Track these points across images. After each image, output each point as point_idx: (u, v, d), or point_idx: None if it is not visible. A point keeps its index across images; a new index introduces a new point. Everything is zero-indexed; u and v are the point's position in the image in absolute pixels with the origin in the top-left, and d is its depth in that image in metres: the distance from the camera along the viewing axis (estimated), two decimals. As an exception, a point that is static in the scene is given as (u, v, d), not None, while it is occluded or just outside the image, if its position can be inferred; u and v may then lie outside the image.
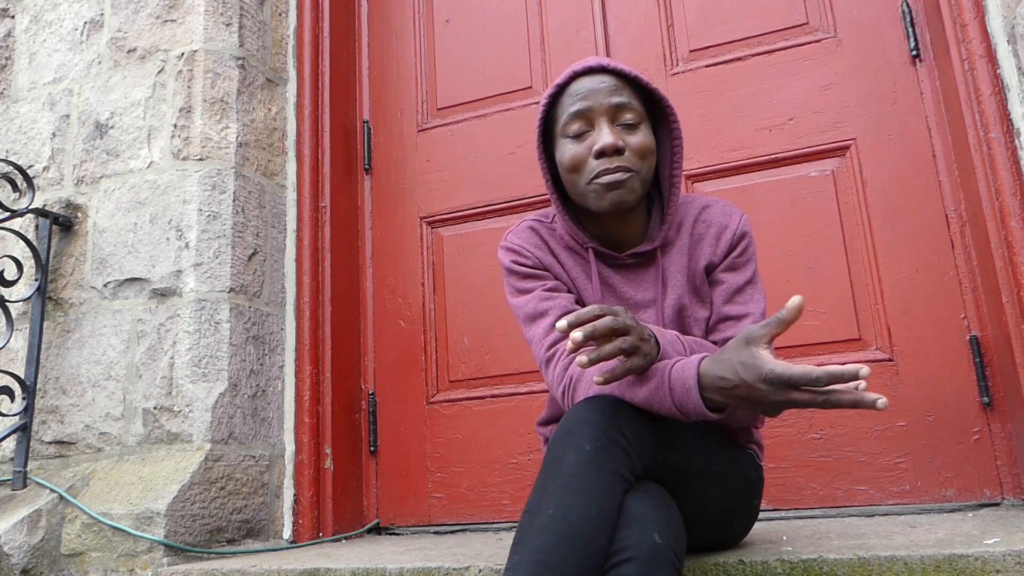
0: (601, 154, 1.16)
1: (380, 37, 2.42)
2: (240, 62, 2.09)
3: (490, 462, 2.02)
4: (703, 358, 1.00)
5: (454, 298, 2.14)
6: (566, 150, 1.21)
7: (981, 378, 1.66)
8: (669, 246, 1.27)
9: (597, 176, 1.17)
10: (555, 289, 1.25)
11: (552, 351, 1.19)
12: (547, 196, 1.93)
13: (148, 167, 2.02)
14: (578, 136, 1.20)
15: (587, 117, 1.19)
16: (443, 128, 2.27)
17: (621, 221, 1.25)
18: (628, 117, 1.18)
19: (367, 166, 2.33)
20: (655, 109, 1.26)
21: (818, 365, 1.74)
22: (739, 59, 1.99)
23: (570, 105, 1.20)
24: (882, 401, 0.85)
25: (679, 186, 1.26)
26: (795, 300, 0.93)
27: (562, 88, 1.23)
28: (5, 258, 2.02)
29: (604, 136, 1.16)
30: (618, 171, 1.16)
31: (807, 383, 0.89)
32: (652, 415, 1.05)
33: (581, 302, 1.27)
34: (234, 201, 1.98)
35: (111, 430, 1.89)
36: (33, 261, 1.97)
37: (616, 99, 1.18)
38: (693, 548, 1.20)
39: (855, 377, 0.86)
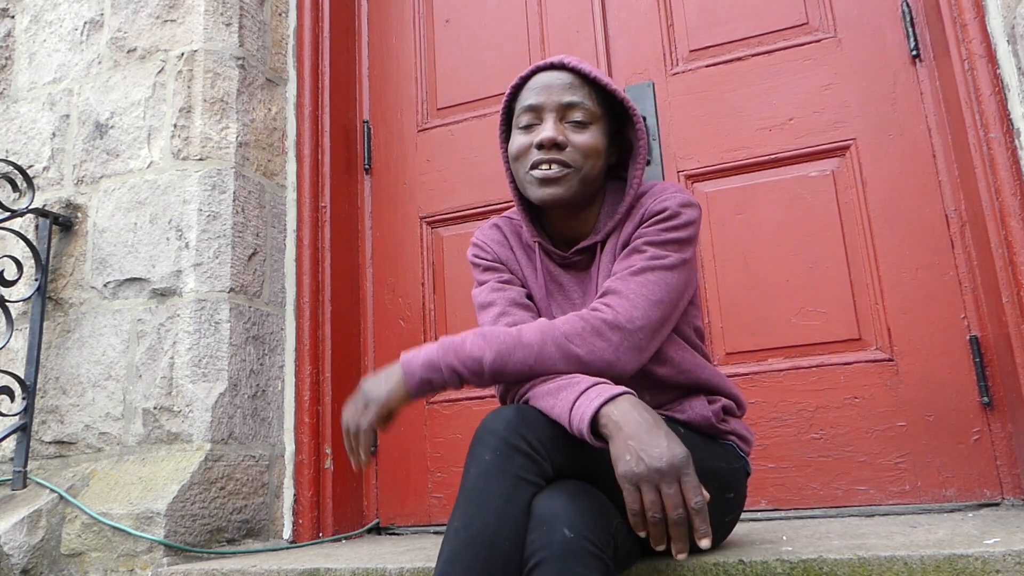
0: (540, 146, 1.19)
1: (380, 37, 2.42)
2: (240, 62, 2.09)
3: (490, 462, 2.01)
4: (627, 393, 1.01)
5: (454, 298, 2.14)
6: (515, 140, 1.24)
7: (981, 378, 1.66)
8: (610, 240, 1.25)
9: (534, 167, 1.20)
10: (508, 282, 1.29)
11: None
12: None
13: (148, 167, 2.02)
14: (527, 128, 1.22)
15: (537, 111, 1.22)
16: (443, 128, 2.27)
17: (574, 218, 1.27)
18: (578, 116, 1.20)
19: (367, 166, 2.33)
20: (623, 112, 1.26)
21: (817, 367, 1.76)
22: (739, 59, 1.99)
23: (525, 99, 1.23)
24: (683, 556, 0.98)
25: (636, 185, 1.24)
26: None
27: (524, 81, 1.26)
28: (5, 258, 2.02)
29: (546, 130, 1.19)
30: (554, 165, 1.18)
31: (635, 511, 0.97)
32: None
33: (531, 297, 1.29)
34: (234, 201, 1.98)
35: (111, 430, 1.89)
36: (33, 261, 1.97)
37: (568, 97, 1.20)
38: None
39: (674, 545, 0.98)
